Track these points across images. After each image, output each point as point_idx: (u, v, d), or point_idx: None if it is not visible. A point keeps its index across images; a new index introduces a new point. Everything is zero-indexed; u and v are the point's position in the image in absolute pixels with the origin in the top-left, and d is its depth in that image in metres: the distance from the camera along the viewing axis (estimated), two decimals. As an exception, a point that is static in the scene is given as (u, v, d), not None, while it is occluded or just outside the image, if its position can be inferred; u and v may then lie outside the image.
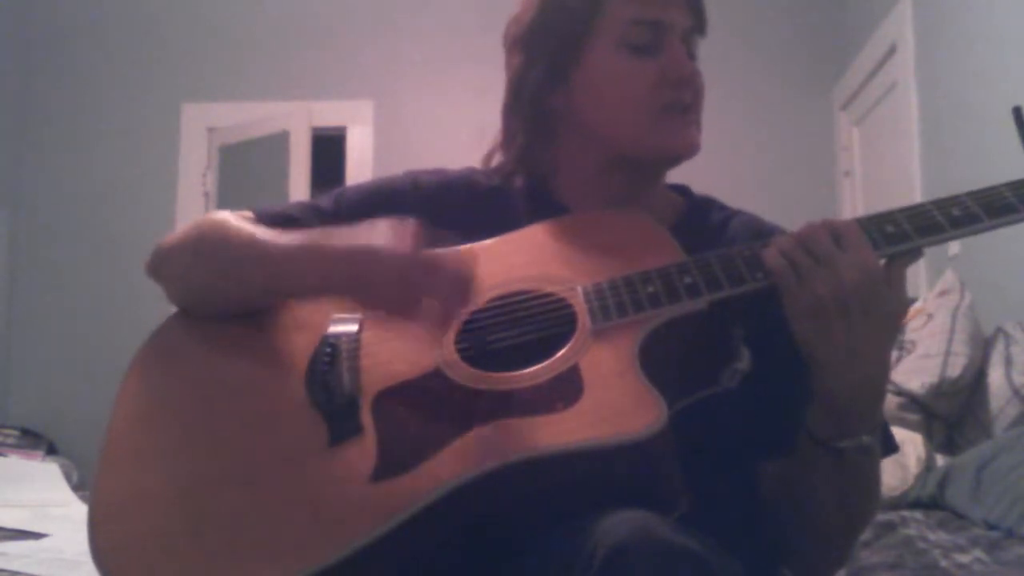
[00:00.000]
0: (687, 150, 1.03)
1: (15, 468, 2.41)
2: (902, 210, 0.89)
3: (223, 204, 3.99)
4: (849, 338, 0.84)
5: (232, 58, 4.40)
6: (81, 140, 4.38)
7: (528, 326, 0.90)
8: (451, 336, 0.89)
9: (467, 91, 3.99)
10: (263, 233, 0.94)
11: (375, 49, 4.34)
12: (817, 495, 0.92)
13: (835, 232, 0.86)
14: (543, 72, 1.04)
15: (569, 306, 0.90)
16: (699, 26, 1.04)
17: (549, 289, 0.92)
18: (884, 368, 0.89)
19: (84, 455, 3.69)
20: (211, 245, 0.97)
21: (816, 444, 0.89)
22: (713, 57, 1.08)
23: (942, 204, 0.88)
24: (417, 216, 1.04)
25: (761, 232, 1.05)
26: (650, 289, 0.88)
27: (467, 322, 0.91)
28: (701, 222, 1.08)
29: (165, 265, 1.02)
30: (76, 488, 2.23)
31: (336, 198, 1.08)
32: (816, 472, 0.90)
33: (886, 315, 0.85)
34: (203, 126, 4.37)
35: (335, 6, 4.41)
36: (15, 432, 3.93)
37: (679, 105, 1.01)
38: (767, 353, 0.90)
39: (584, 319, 0.87)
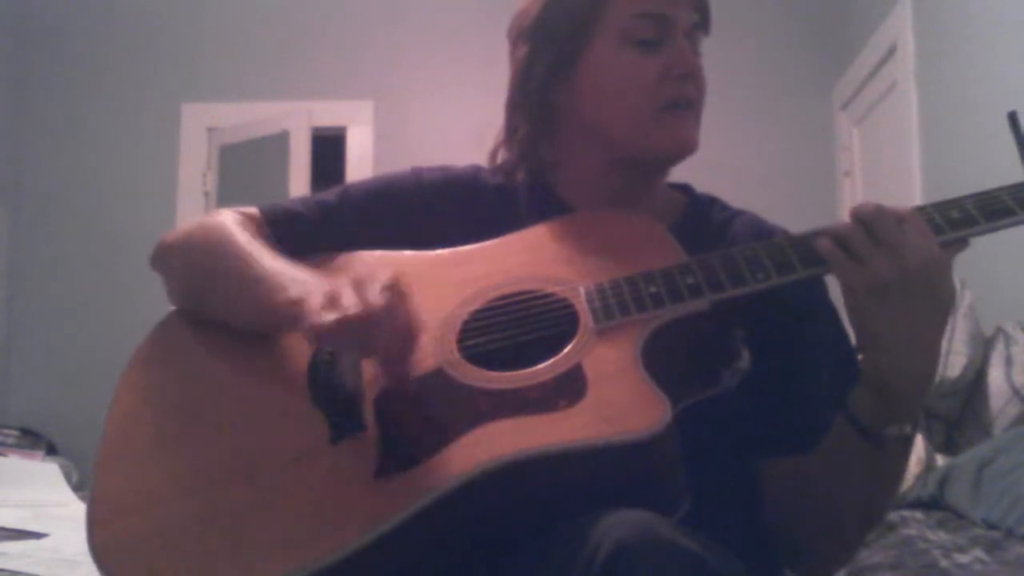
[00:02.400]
0: (685, 149, 1.02)
1: (15, 468, 2.41)
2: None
3: (223, 204, 3.98)
4: (910, 322, 0.84)
5: (232, 58, 4.39)
6: (81, 140, 4.38)
7: (530, 326, 0.90)
8: (453, 335, 0.90)
9: (467, 91, 3.99)
10: (256, 260, 0.94)
11: (375, 49, 4.34)
12: (847, 487, 0.92)
13: (898, 217, 0.86)
14: (548, 65, 1.04)
15: (571, 306, 0.90)
16: (703, 23, 1.04)
17: (551, 289, 0.92)
18: (937, 357, 0.88)
19: (84, 455, 3.68)
20: (207, 263, 0.98)
21: (858, 431, 0.88)
22: (713, 57, 1.08)
23: (942, 206, 0.88)
24: (422, 212, 1.05)
25: (762, 232, 1.05)
26: (652, 289, 0.88)
27: (469, 321, 0.91)
28: (703, 222, 1.08)
29: (164, 265, 1.04)
30: (76, 488, 2.23)
31: (342, 195, 1.08)
32: (852, 462, 0.90)
33: (945, 302, 0.86)
34: (203, 126, 4.37)
35: (335, 6, 4.41)
36: (15, 432, 3.92)
37: (682, 101, 1.01)
38: (769, 353, 0.90)
39: (586, 319, 0.88)
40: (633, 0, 1.01)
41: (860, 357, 0.89)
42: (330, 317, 0.78)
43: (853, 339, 0.90)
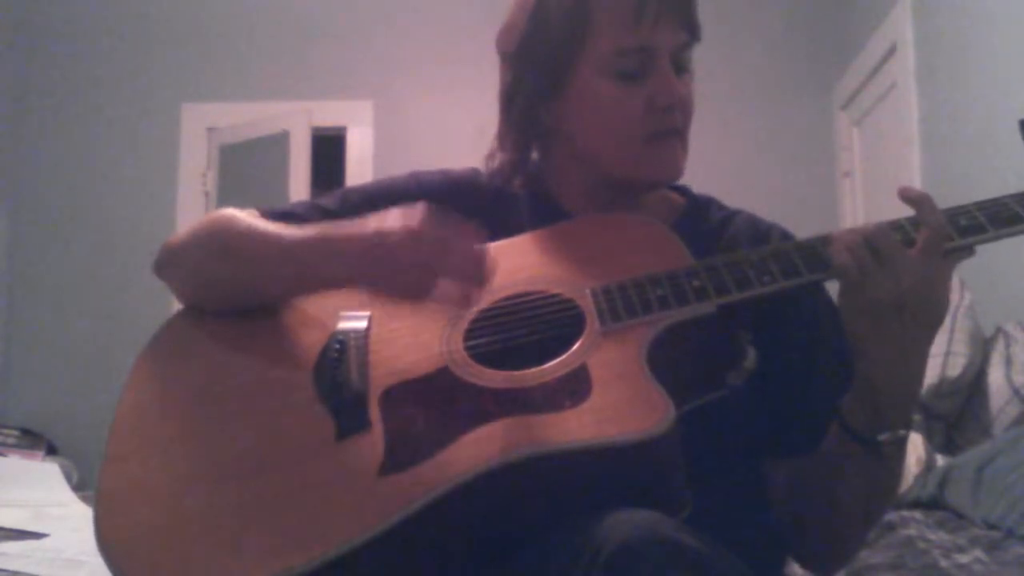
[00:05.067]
0: (670, 177, 1.03)
1: (15, 468, 2.40)
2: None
3: (223, 204, 3.95)
4: (899, 338, 0.85)
5: (232, 58, 4.40)
6: (81, 140, 4.38)
7: (536, 326, 0.91)
8: (459, 334, 0.90)
9: (467, 91, 3.98)
10: (277, 227, 0.95)
11: (375, 49, 4.34)
12: (847, 487, 0.92)
13: (903, 238, 0.86)
14: (532, 91, 1.04)
15: (577, 307, 0.90)
16: (691, 38, 1.01)
17: (557, 290, 0.93)
18: (925, 364, 0.89)
19: (84, 455, 3.69)
20: (226, 240, 0.98)
21: (853, 438, 0.89)
22: (713, 58, 1.08)
23: (949, 213, 0.88)
24: None
25: (760, 231, 1.06)
26: (659, 292, 0.88)
27: (475, 321, 0.91)
28: (701, 222, 1.08)
29: (175, 262, 1.02)
30: (76, 488, 2.23)
31: (341, 198, 1.09)
32: (849, 464, 0.91)
33: (938, 317, 0.86)
34: (203, 126, 4.37)
35: (335, 6, 4.41)
36: (15, 432, 3.92)
37: (668, 131, 1.00)
38: (776, 355, 0.90)
39: (592, 320, 0.88)
40: (614, 35, 0.98)
41: None
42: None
43: None
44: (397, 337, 0.91)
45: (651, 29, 0.97)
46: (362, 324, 0.92)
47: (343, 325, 0.92)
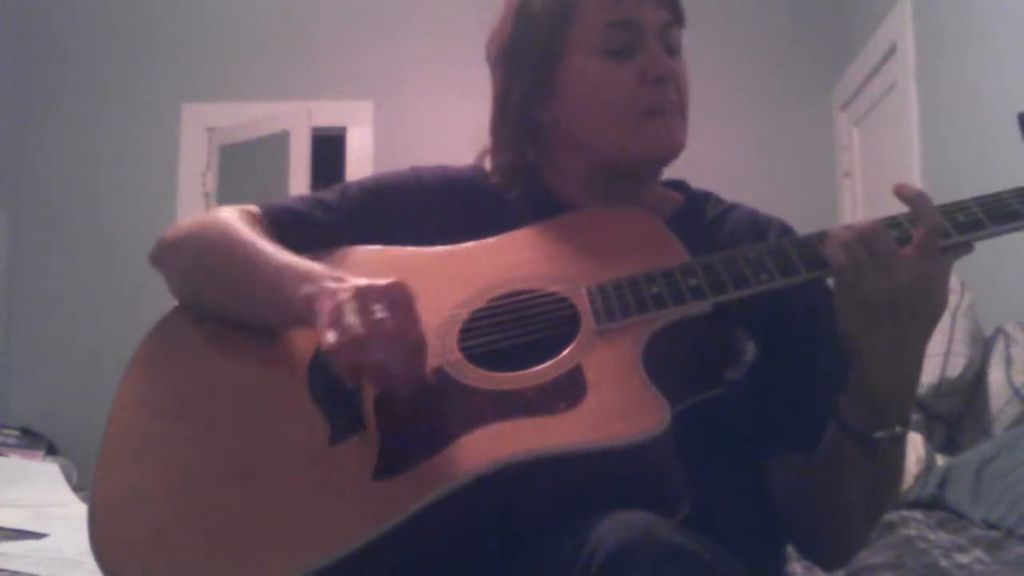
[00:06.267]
0: (671, 152, 1.02)
1: (15, 468, 2.41)
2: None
3: (223, 204, 3.97)
4: (895, 336, 0.84)
5: (232, 58, 4.39)
6: (81, 140, 4.38)
7: (531, 326, 0.90)
8: (454, 335, 0.89)
9: (467, 91, 3.96)
10: (265, 254, 0.94)
11: (375, 49, 4.34)
12: (847, 484, 0.92)
13: (898, 236, 0.85)
14: (524, 89, 1.05)
15: (572, 306, 0.90)
16: (676, 19, 1.03)
17: (552, 288, 0.92)
18: (921, 361, 0.89)
19: (84, 455, 3.68)
20: (213, 256, 0.98)
21: (850, 435, 0.89)
22: (713, 57, 1.08)
23: (947, 209, 0.87)
24: (420, 211, 1.05)
25: (759, 224, 1.05)
26: (654, 290, 0.87)
27: (470, 320, 0.91)
28: (698, 216, 1.08)
29: (167, 260, 1.04)
30: (76, 488, 2.23)
31: (341, 193, 1.09)
32: (848, 462, 0.90)
33: (933, 316, 0.86)
34: (203, 126, 4.37)
35: (335, 6, 4.41)
36: (15, 432, 3.92)
37: (662, 105, 1.00)
38: (774, 349, 0.90)
39: (588, 319, 0.87)
40: (599, 11, 1.00)
41: None
42: (333, 337, 0.78)
43: None
44: None
45: (633, 3, 0.99)
46: None
47: None
